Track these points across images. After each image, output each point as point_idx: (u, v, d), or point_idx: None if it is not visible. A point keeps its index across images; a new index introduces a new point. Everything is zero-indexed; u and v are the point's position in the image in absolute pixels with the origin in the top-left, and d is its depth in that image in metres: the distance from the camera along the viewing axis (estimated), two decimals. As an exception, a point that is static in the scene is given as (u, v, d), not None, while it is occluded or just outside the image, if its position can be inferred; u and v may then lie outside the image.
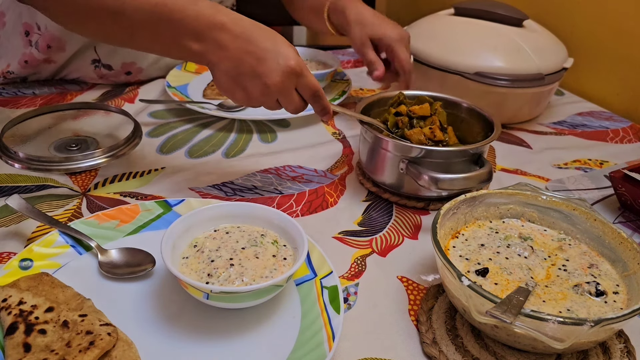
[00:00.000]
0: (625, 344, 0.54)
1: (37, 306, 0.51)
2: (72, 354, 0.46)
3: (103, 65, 1.02)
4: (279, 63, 0.61)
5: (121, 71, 1.04)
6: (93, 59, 1.02)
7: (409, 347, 0.54)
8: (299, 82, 0.64)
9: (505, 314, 0.45)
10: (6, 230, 0.66)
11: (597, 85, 1.17)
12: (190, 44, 0.61)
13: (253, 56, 0.60)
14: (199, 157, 0.85)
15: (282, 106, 0.66)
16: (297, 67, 0.62)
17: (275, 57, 0.61)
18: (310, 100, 0.66)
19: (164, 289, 0.58)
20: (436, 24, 1.05)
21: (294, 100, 0.65)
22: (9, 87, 1.03)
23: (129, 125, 0.87)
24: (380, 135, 0.72)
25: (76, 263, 0.60)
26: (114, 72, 1.04)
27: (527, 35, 0.97)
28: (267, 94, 0.63)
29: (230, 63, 0.61)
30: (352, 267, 0.64)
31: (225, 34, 0.60)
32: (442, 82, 0.95)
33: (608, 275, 0.55)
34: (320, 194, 0.77)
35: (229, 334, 0.53)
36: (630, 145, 0.97)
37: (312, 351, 0.50)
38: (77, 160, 0.78)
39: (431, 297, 0.59)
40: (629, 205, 0.74)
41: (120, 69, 1.03)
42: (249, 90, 0.62)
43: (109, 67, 1.03)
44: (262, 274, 0.53)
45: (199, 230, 0.59)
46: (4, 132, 0.83)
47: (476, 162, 0.72)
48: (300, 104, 0.66)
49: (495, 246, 0.59)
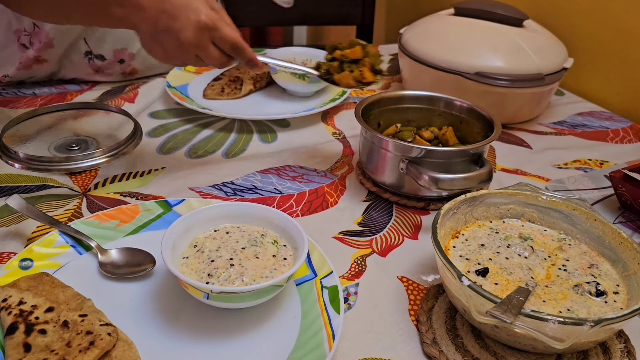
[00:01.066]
0: (625, 344, 0.54)
1: (37, 306, 0.51)
2: (72, 354, 0.46)
3: (95, 57, 1.03)
4: (189, 18, 0.63)
5: (114, 60, 1.04)
6: (85, 51, 1.02)
7: (409, 347, 0.54)
8: (214, 35, 0.65)
9: (506, 314, 0.45)
10: (6, 230, 0.66)
11: (597, 85, 1.17)
12: (115, 10, 0.64)
13: (167, 14, 0.63)
14: (199, 157, 0.85)
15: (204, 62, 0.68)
16: (209, 21, 0.63)
17: (187, 13, 0.63)
18: (231, 53, 0.67)
19: (164, 289, 0.58)
20: (436, 24, 1.05)
21: (213, 55, 0.67)
22: (9, 87, 1.03)
23: (129, 125, 0.87)
24: (381, 135, 0.72)
25: (76, 263, 0.60)
26: (108, 62, 1.04)
27: (527, 35, 0.97)
28: (184, 49, 0.65)
29: (149, 22, 0.64)
30: (352, 267, 0.64)
31: None
32: (442, 82, 0.95)
33: (608, 275, 0.55)
34: (320, 194, 0.77)
35: (229, 334, 0.53)
36: (630, 145, 0.97)
37: (312, 351, 0.50)
38: (77, 160, 0.78)
39: (431, 297, 0.59)
40: (629, 205, 0.74)
41: (112, 57, 1.04)
42: (166, 47, 0.65)
43: (102, 58, 1.03)
44: (262, 274, 0.53)
45: (199, 230, 0.59)
46: (4, 132, 0.83)
47: (476, 162, 0.72)
48: (221, 58, 0.68)
49: (496, 246, 0.59)
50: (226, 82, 1.05)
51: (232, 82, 1.05)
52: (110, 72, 1.06)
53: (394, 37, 1.18)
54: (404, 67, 1.07)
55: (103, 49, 1.03)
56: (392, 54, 1.34)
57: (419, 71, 1.00)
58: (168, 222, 0.60)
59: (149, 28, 0.64)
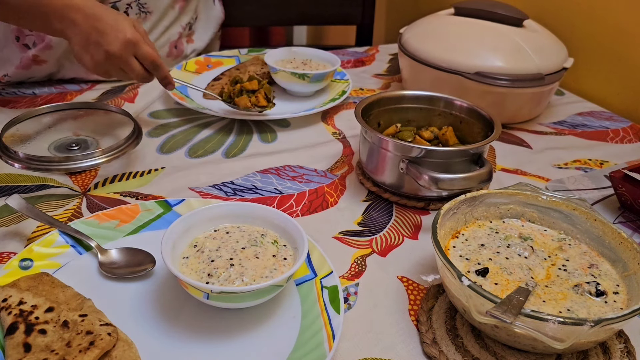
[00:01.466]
0: (625, 344, 0.54)
1: (37, 306, 0.51)
2: (72, 354, 0.46)
3: None
4: (117, 36, 0.75)
5: None
6: None
7: (409, 347, 0.54)
8: (137, 51, 0.77)
9: (506, 314, 0.45)
10: (6, 230, 0.66)
11: (597, 85, 1.17)
12: (55, 24, 0.76)
13: (98, 30, 0.75)
14: (199, 157, 0.85)
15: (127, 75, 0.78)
16: (133, 38, 0.76)
17: (115, 31, 0.75)
18: (150, 68, 0.79)
19: (164, 289, 0.58)
20: (436, 23, 1.05)
21: (135, 68, 0.78)
22: (9, 87, 1.03)
23: (129, 125, 0.87)
24: (381, 135, 0.72)
25: (76, 263, 0.60)
26: None
27: (527, 35, 0.97)
28: (110, 60, 0.76)
29: (81, 36, 0.75)
30: (352, 267, 0.64)
31: (78, 13, 0.75)
32: (442, 82, 0.95)
33: (608, 275, 0.55)
34: (320, 194, 0.77)
35: (229, 334, 0.53)
36: (630, 145, 0.97)
37: (312, 351, 0.50)
38: (77, 160, 0.78)
39: (431, 297, 0.59)
40: (629, 205, 0.74)
41: None
42: (94, 57, 0.76)
43: None
44: (262, 274, 0.53)
45: (199, 230, 0.59)
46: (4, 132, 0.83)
47: (476, 162, 0.72)
48: (142, 72, 0.79)
49: (496, 246, 0.59)
50: (226, 82, 1.05)
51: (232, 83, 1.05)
52: None
53: (394, 37, 1.18)
54: (404, 67, 1.07)
55: None
56: (392, 54, 1.34)
57: (419, 71, 1.00)
58: (168, 222, 0.60)
59: (81, 40, 0.75)
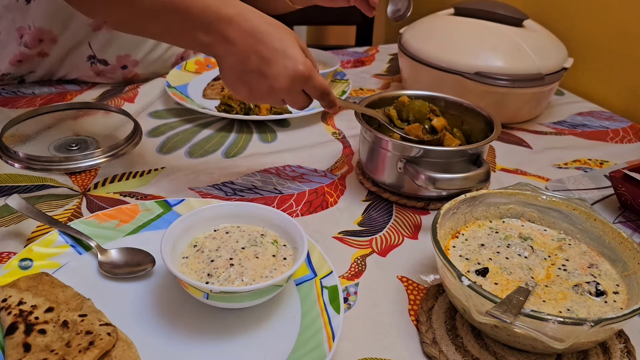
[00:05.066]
0: (625, 344, 0.54)
1: (37, 306, 0.51)
2: (72, 354, 0.46)
3: (99, 61, 1.02)
4: (286, 67, 0.60)
5: (117, 65, 1.04)
6: (88, 55, 1.02)
7: (409, 347, 0.54)
8: (307, 85, 0.63)
9: (505, 314, 0.45)
10: (6, 230, 0.66)
11: (597, 85, 1.17)
12: (199, 35, 0.61)
13: (260, 56, 0.60)
14: (199, 157, 0.85)
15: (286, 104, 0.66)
16: (306, 72, 0.61)
17: (283, 60, 0.60)
18: (317, 98, 0.66)
19: (164, 289, 0.58)
20: (436, 23, 1.05)
21: (300, 100, 0.65)
22: (9, 87, 1.03)
23: (129, 125, 0.87)
24: (380, 135, 0.72)
25: (76, 263, 0.60)
26: (110, 67, 1.04)
27: (527, 35, 0.97)
28: (273, 94, 0.62)
29: (237, 59, 0.60)
30: (352, 267, 0.64)
31: (233, 28, 0.59)
32: (442, 82, 0.95)
33: (608, 275, 0.55)
34: (320, 193, 0.77)
35: (229, 334, 0.53)
36: (630, 145, 0.97)
37: (312, 351, 0.50)
38: (77, 160, 0.78)
39: (431, 297, 0.59)
40: (629, 205, 0.74)
41: (115, 63, 1.03)
42: (253, 88, 0.62)
43: (105, 62, 1.03)
44: (262, 274, 0.53)
45: (199, 230, 0.59)
46: (4, 132, 0.83)
47: (475, 162, 0.72)
48: (306, 102, 0.66)
49: (495, 246, 0.59)
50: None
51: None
52: (111, 77, 1.06)
53: (394, 37, 1.18)
54: (404, 67, 1.07)
55: (107, 54, 1.02)
56: (392, 54, 1.34)
57: (419, 71, 1.00)
58: (168, 222, 0.60)
59: (236, 65, 0.61)
